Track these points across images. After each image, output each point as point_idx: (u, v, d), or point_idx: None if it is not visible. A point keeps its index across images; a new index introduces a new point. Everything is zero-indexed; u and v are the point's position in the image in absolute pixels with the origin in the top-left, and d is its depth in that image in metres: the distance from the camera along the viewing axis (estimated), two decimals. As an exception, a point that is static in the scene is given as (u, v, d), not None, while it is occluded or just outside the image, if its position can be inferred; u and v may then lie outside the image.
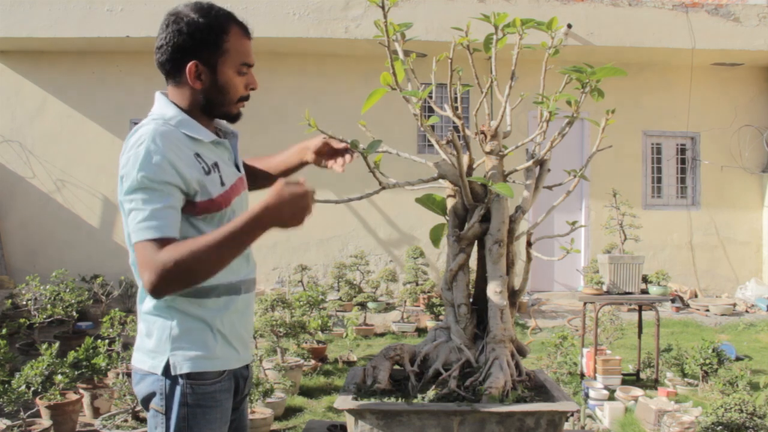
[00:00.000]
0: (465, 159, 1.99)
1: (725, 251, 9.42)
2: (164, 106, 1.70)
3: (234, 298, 1.72)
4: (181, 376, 1.63)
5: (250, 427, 4.10)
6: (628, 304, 6.72)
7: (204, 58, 1.64)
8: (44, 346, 4.28)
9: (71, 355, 4.34)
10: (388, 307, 8.01)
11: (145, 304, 1.70)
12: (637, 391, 4.83)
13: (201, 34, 1.63)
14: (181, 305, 1.64)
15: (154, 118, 1.66)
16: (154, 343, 1.66)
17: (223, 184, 1.68)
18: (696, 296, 9.08)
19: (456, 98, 2.01)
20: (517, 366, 1.87)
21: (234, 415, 1.84)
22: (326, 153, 1.95)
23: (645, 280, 5.82)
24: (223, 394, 1.70)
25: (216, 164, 1.69)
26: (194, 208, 1.62)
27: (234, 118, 1.76)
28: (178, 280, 1.50)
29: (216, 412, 1.68)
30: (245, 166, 1.96)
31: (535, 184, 2.05)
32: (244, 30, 1.70)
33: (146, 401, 1.69)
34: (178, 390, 1.63)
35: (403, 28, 2.00)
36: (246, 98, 1.74)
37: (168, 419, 1.64)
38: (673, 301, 8.57)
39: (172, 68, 1.69)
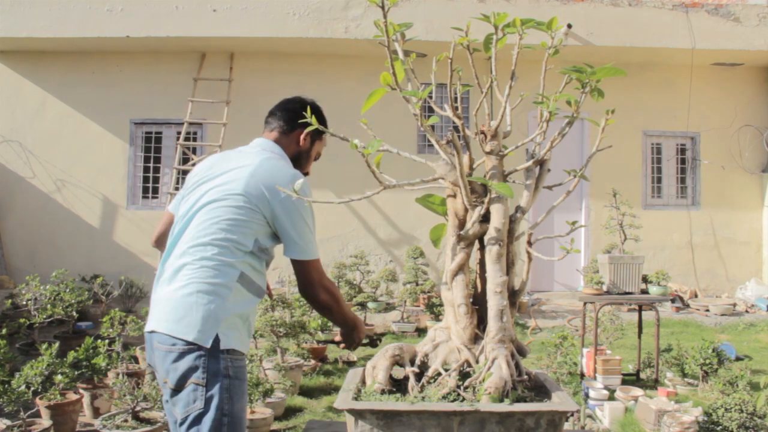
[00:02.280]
0: (465, 159, 1.99)
1: (725, 251, 9.42)
2: (288, 161, 2.27)
3: (257, 302, 2.14)
4: (225, 351, 1.95)
5: (251, 427, 4.11)
6: (628, 304, 6.71)
7: (314, 133, 2.28)
8: (44, 346, 4.28)
9: (71, 355, 4.33)
10: (388, 307, 8.01)
11: (208, 276, 1.99)
12: (637, 391, 4.83)
13: (321, 121, 2.20)
14: (243, 296, 2.04)
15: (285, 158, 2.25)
16: (204, 319, 1.95)
17: None
18: (696, 296, 9.07)
19: (456, 98, 2.01)
20: (517, 366, 1.87)
21: None
22: None
23: (645, 280, 5.82)
24: (246, 371, 2.07)
25: None
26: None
27: None
28: (331, 296, 2.16)
29: (245, 385, 2.03)
30: None
31: (535, 184, 2.05)
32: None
33: (185, 377, 1.92)
34: (221, 363, 1.94)
35: (403, 28, 2.00)
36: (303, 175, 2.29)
37: (208, 390, 1.90)
38: (673, 301, 8.57)
39: (289, 123, 2.29)
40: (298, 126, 2.26)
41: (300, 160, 2.31)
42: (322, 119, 2.22)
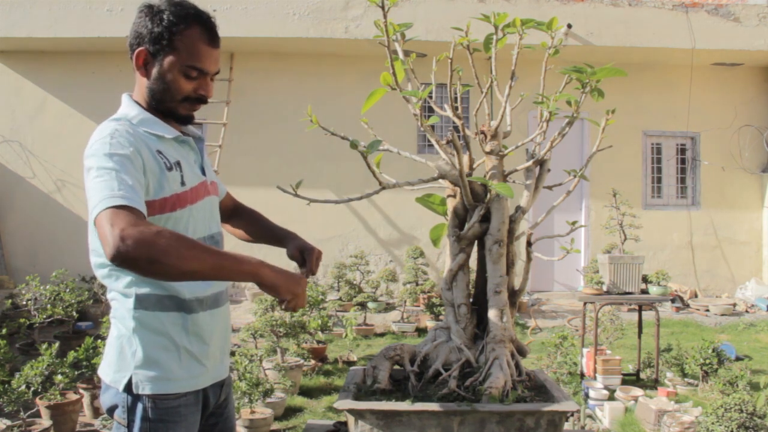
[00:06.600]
0: (465, 159, 1.99)
1: (725, 251, 9.42)
2: (127, 106, 1.68)
3: (195, 316, 1.66)
4: (143, 395, 1.60)
5: (251, 427, 4.10)
6: (628, 304, 6.71)
7: (152, 50, 1.62)
8: (44, 346, 4.28)
9: (71, 355, 4.34)
10: (388, 307, 8.01)
11: (115, 309, 1.66)
12: (637, 391, 4.83)
13: (156, 26, 1.61)
14: (148, 319, 1.60)
15: (115, 118, 1.63)
16: (118, 357, 1.63)
17: (183, 184, 1.64)
18: (696, 296, 9.07)
19: (456, 98, 2.01)
20: (517, 366, 1.87)
21: (217, 419, 1.83)
22: (298, 260, 1.90)
23: (645, 280, 5.82)
24: (189, 408, 1.66)
25: (178, 163, 1.65)
26: (148, 207, 1.53)
27: (181, 119, 1.70)
28: (147, 257, 1.33)
29: (180, 427, 1.64)
30: (243, 207, 2.09)
31: (535, 184, 2.05)
32: (209, 36, 1.65)
33: (110, 411, 1.67)
34: (139, 406, 1.60)
35: (403, 28, 2.00)
36: (194, 100, 1.68)
37: (130, 431, 1.61)
38: (673, 301, 8.57)
39: (131, 56, 1.66)
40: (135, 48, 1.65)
41: (156, 97, 1.65)
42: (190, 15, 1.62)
